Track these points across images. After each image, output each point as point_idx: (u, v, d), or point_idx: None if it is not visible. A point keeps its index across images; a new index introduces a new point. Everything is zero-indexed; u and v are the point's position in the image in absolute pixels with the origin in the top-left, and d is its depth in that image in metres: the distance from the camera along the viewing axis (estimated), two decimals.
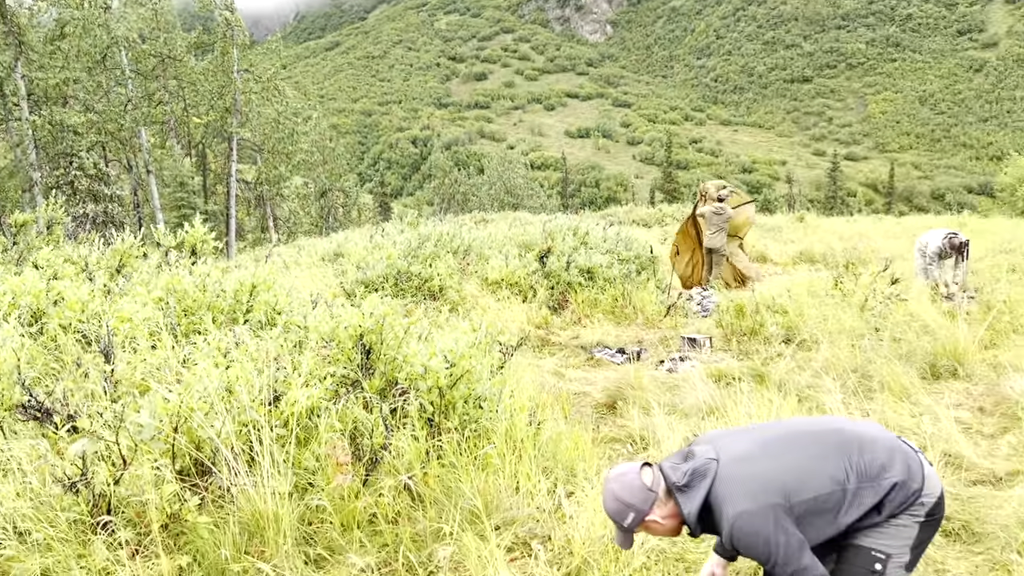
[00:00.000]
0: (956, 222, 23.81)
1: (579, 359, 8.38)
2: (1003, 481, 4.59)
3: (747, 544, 2.35)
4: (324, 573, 3.42)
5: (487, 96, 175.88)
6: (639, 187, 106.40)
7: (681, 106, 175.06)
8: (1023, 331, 8.01)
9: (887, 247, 16.34)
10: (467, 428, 4.28)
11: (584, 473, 4.25)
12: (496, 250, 12.11)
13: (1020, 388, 5.79)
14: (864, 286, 9.16)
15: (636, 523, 2.48)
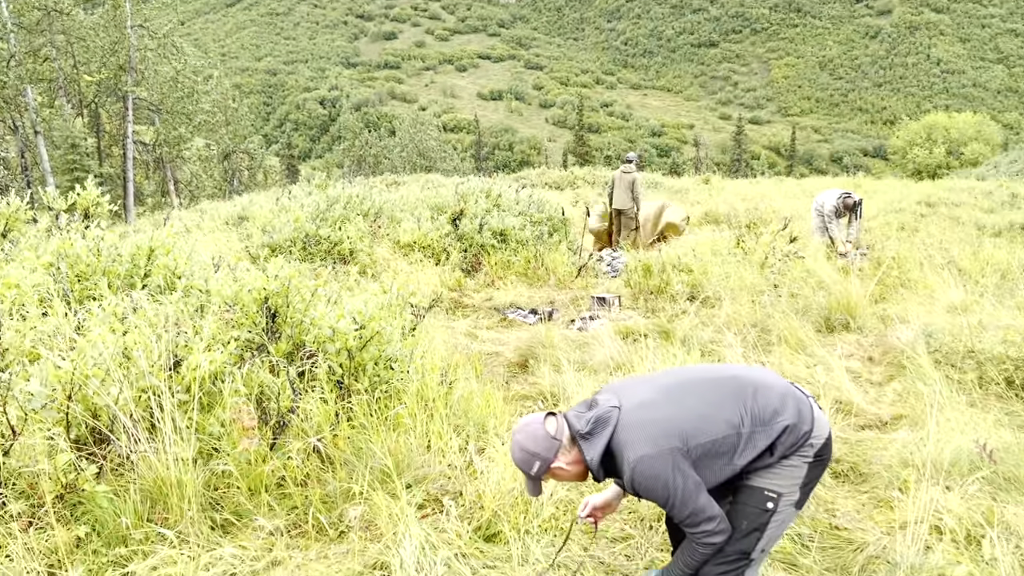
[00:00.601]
0: (851, 183, 24.89)
1: (492, 320, 8.42)
2: (888, 425, 4.89)
3: (647, 487, 2.43)
4: (231, 537, 3.37)
5: (397, 56, 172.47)
6: (552, 150, 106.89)
7: (592, 69, 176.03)
8: (910, 285, 8.47)
9: (787, 207, 16.95)
10: (378, 389, 4.27)
11: (495, 430, 4.30)
12: (408, 213, 11.98)
13: (906, 338, 6.14)
14: (764, 245, 9.50)
15: (542, 471, 2.54)
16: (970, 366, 5.36)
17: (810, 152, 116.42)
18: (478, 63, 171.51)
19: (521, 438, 2.56)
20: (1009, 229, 13.19)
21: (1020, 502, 3.50)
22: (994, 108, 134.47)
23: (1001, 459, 3.84)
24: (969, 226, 13.64)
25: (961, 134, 53.20)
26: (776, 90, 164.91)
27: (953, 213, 15.59)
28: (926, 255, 9.45)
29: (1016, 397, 4.98)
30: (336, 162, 64.31)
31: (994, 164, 40.07)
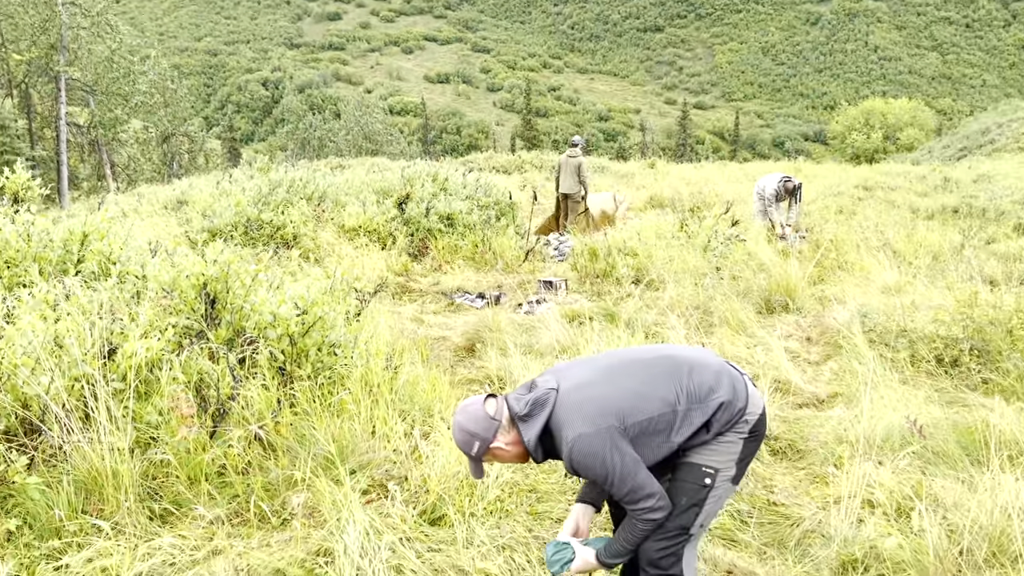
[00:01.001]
0: (792, 167, 25.38)
1: (439, 305, 8.40)
2: (825, 403, 5.02)
3: (585, 465, 2.46)
4: (170, 527, 3.31)
5: (342, 37, 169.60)
6: (500, 134, 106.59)
7: (540, 53, 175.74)
8: (847, 267, 8.70)
9: (730, 191, 17.21)
10: (321, 375, 4.22)
11: (441, 414, 4.29)
12: (353, 197, 11.82)
13: (842, 319, 6.31)
14: (707, 228, 9.63)
15: (482, 451, 2.56)
16: (903, 345, 5.53)
17: (753, 137, 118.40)
18: (424, 45, 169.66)
19: (461, 419, 2.57)
20: (941, 212, 13.63)
21: (947, 475, 3.64)
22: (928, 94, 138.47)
23: (930, 434, 3.98)
24: (904, 209, 14.04)
25: (897, 119, 54.62)
26: (720, 75, 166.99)
27: (889, 197, 16.02)
28: (863, 238, 9.72)
29: (945, 374, 5.16)
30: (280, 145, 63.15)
31: (928, 149, 41.31)
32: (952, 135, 41.73)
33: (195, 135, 45.38)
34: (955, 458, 3.77)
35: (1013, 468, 3.43)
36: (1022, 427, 3.95)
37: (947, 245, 9.63)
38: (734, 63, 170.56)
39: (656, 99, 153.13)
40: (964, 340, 5.20)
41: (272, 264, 7.75)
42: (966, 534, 3.02)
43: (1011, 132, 34.33)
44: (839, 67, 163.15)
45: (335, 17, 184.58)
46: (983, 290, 6.29)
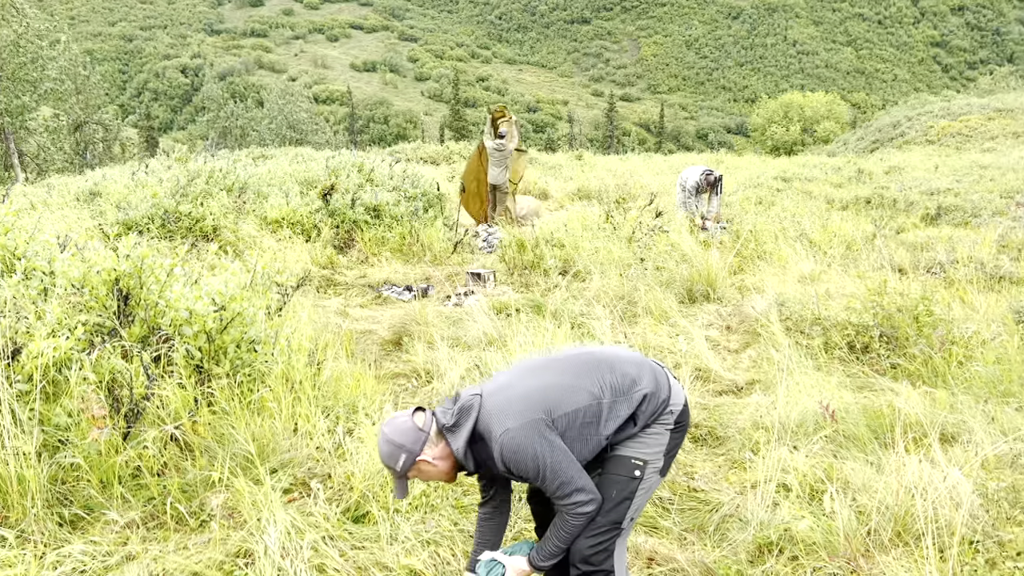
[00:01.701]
0: (714, 159, 25.98)
1: (366, 298, 8.30)
2: (743, 390, 5.17)
3: (516, 460, 2.45)
4: (81, 533, 3.18)
5: (264, 24, 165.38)
6: (429, 124, 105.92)
7: (467, 43, 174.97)
8: (766, 257, 8.94)
9: (654, 183, 17.51)
10: (240, 373, 4.12)
11: (365, 410, 4.24)
12: (276, 187, 11.56)
13: (760, 308, 6.49)
14: (632, 220, 9.78)
15: (408, 464, 2.51)
16: (817, 332, 5.73)
17: (678, 129, 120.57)
18: (350, 33, 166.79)
19: (388, 431, 2.53)
20: (855, 203, 14.15)
21: (857, 458, 3.78)
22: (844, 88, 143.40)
23: (842, 418, 4.14)
24: (820, 200, 14.52)
25: (814, 112, 56.41)
26: (646, 68, 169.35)
27: (806, 188, 16.55)
28: (781, 228, 10.00)
29: (857, 360, 5.36)
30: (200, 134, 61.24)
31: (843, 141, 42.79)
32: (865, 128, 43.33)
33: (110, 124, 43.56)
34: (865, 441, 3.92)
35: (917, 449, 3.58)
36: (926, 410, 4.13)
37: (860, 235, 9.99)
38: (659, 56, 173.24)
39: (583, 91, 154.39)
40: (874, 327, 5.41)
41: (190, 258, 7.53)
42: (874, 514, 3.15)
43: (920, 126, 35.88)
44: (759, 61, 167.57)
45: (257, 3, 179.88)
46: (892, 278, 6.56)
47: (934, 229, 10.93)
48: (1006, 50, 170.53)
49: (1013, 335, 5.20)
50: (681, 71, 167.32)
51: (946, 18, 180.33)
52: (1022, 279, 7.54)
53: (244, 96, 76.01)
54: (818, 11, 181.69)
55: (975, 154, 25.03)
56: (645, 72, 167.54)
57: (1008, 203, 12.39)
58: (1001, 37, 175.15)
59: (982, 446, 3.65)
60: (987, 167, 19.09)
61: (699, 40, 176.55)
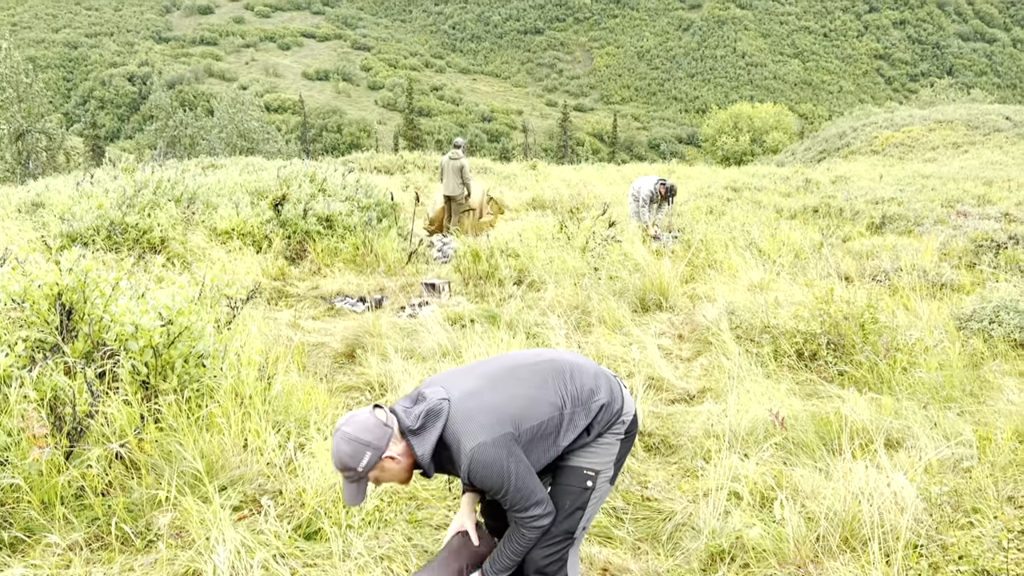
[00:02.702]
0: (666, 169, 26.31)
1: (318, 310, 8.20)
2: (695, 398, 5.22)
3: (483, 475, 2.42)
4: (21, 556, 3.08)
5: (214, 32, 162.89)
6: (383, 133, 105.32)
7: (421, 52, 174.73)
8: (717, 266, 9.08)
9: (608, 192, 17.67)
10: (188, 388, 4.04)
11: (317, 424, 4.19)
12: (226, 198, 11.37)
13: (711, 316, 6.59)
14: (586, 230, 9.85)
15: (373, 462, 2.42)
16: (767, 340, 5.82)
17: (630, 139, 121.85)
18: (302, 42, 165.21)
19: (350, 429, 2.43)
20: (803, 212, 14.43)
21: (806, 464, 3.85)
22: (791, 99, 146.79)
23: (791, 426, 4.21)
24: (769, 209, 14.79)
25: (763, 123, 57.58)
26: (599, 78, 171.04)
27: (756, 197, 16.83)
28: (731, 237, 10.16)
29: (805, 367, 5.47)
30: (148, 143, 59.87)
31: (791, 151, 43.72)
32: (813, 138, 44.34)
33: (53, 132, 42.37)
34: (813, 448, 3.99)
35: (864, 455, 3.66)
36: (872, 416, 4.23)
37: (808, 243, 10.20)
38: (611, 67, 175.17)
39: (537, 101, 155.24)
40: (822, 335, 5.52)
41: (137, 271, 7.37)
42: (822, 520, 3.20)
43: (865, 136, 36.84)
44: (710, 72, 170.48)
45: (207, 11, 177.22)
46: (839, 287, 6.71)
47: (879, 237, 11.20)
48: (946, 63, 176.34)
49: (954, 341, 5.35)
50: (633, 82, 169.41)
51: (888, 32, 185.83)
52: (963, 286, 7.76)
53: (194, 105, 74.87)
54: (766, 24, 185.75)
55: (917, 164, 25.78)
56: (598, 83, 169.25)
57: (949, 212, 12.76)
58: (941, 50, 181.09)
59: (925, 451, 3.74)
60: (929, 177, 19.67)
61: (650, 51, 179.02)
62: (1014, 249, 8.93)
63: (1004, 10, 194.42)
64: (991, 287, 7.14)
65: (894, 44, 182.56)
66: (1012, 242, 9.19)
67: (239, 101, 53.49)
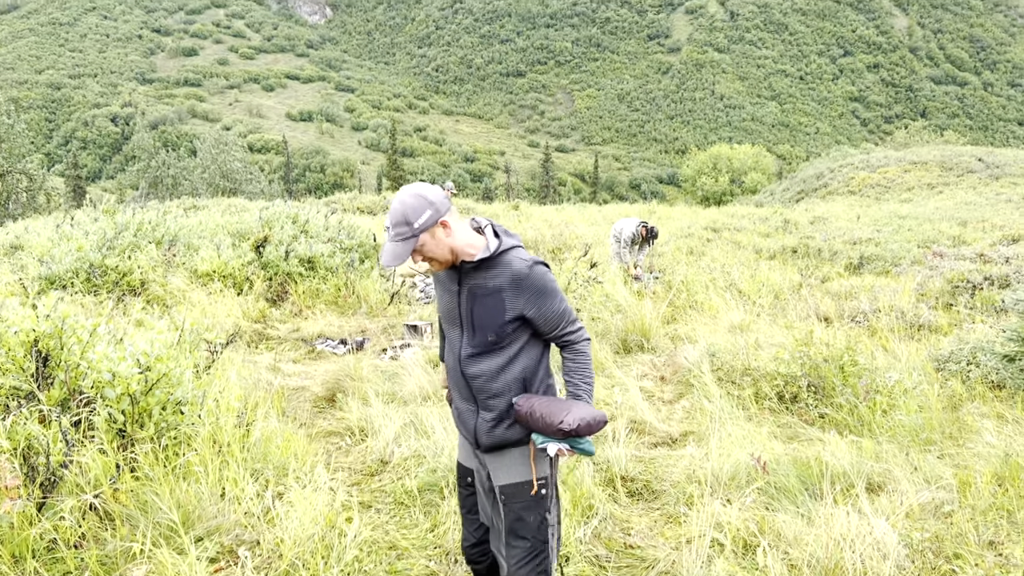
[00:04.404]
0: (647, 210, 26.53)
1: (299, 352, 8.15)
2: (678, 442, 5.21)
3: (542, 285, 2.60)
4: None
5: (199, 73, 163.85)
6: (366, 173, 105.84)
7: (404, 94, 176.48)
8: (698, 306, 9.12)
9: (589, 233, 17.76)
10: (165, 436, 3.98)
11: (296, 472, 4.14)
12: (208, 239, 11.35)
13: (692, 358, 6.60)
14: (568, 270, 9.88)
15: (430, 223, 2.50)
16: (748, 382, 5.84)
17: (612, 179, 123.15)
18: (286, 83, 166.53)
19: (416, 187, 2.53)
20: (782, 252, 14.58)
21: (788, 510, 3.84)
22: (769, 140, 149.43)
23: (773, 470, 4.20)
24: (748, 250, 14.93)
25: (742, 164, 58.43)
26: (580, 120, 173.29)
27: (735, 238, 16.99)
28: (711, 278, 10.24)
29: (787, 410, 5.48)
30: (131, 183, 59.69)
31: (770, 192, 44.31)
32: (791, 179, 44.99)
33: (34, 173, 42.23)
34: (795, 492, 3.99)
35: (846, 500, 3.66)
36: (853, 460, 4.23)
37: (787, 284, 10.30)
38: (592, 108, 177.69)
39: (520, 141, 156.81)
40: (802, 377, 5.55)
41: (116, 314, 7.31)
42: (805, 568, 3.19)
43: (842, 176, 37.41)
44: (689, 114, 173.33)
45: (191, 53, 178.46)
46: (818, 328, 6.76)
47: (857, 278, 11.32)
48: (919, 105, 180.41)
49: (933, 383, 5.39)
50: (614, 123, 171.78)
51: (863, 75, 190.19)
52: (940, 327, 7.85)
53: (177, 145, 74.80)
54: (743, 67, 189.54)
55: (894, 204, 26.18)
56: (579, 124, 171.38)
57: (925, 252, 12.94)
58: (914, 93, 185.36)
59: (907, 495, 3.74)
60: (905, 217, 19.97)
61: (631, 94, 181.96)
62: (989, 290, 9.05)
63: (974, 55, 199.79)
64: (968, 328, 7.22)
65: (868, 87, 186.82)
66: (987, 283, 9.31)
67: (222, 141, 53.61)
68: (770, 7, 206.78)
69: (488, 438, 2.72)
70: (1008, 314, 7.60)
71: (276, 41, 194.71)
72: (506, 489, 2.71)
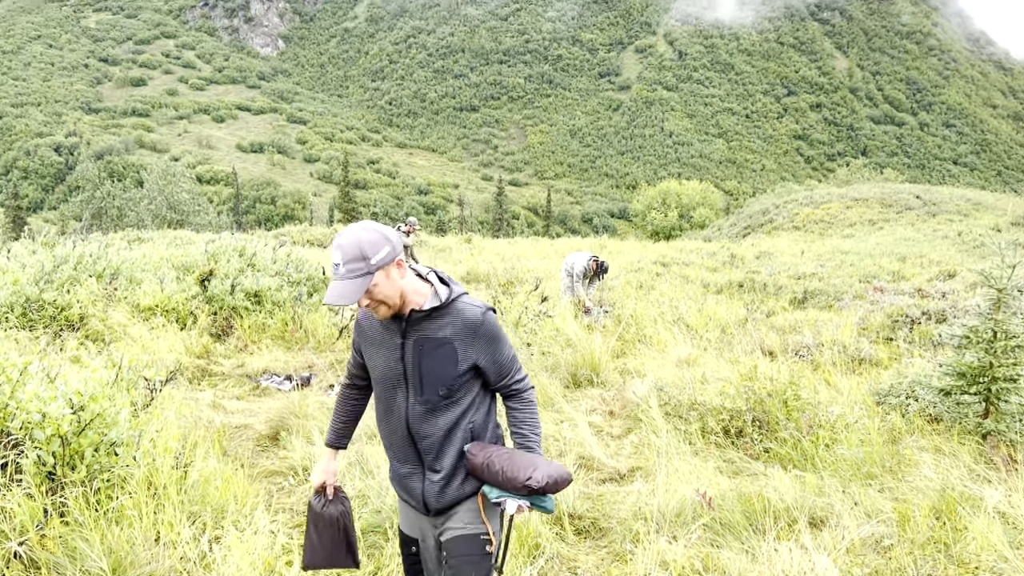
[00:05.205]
0: (598, 244, 26.84)
1: (243, 389, 7.98)
2: (625, 478, 5.21)
3: (493, 334, 2.56)
4: None
5: (147, 103, 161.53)
6: (318, 205, 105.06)
7: (358, 126, 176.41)
8: (647, 340, 9.20)
9: (541, 267, 17.88)
10: (98, 479, 3.84)
11: (235, 515, 4.02)
12: (151, 273, 11.10)
13: (640, 393, 6.63)
14: (519, 304, 9.90)
15: (387, 260, 2.38)
16: (694, 417, 5.88)
17: (564, 213, 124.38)
18: (237, 115, 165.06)
19: (368, 223, 2.45)
20: (729, 287, 14.84)
21: (733, 546, 3.85)
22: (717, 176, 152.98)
23: (719, 505, 4.22)
24: (696, 284, 15.16)
25: (691, 199, 59.61)
26: (533, 154, 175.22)
27: (684, 272, 17.26)
28: (660, 312, 10.35)
29: (732, 445, 5.53)
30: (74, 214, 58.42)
31: (718, 227, 45.21)
32: (738, 214, 46.01)
33: None
34: (740, 528, 4.01)
35: (789, 535, 3.69)
36: (796, 495, 4.28)
37: (733, 318, 10.46)
38: (545, 143, 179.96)
39: (473, 175, 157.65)
40: (747, 412, 5.61)
41: (50, 351, 7.07)
42: None
43: (787, 212, 38.38)
44: (639, 150, 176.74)
45: (140, 83, 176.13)
46: (763, 362, 6.86)
47: (801, 312, 11.56)
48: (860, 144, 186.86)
49: (873, 417, 5.50)
50: (566, 158, 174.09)
51: (806, 114, 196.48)
52: (881, 361, 8.03)
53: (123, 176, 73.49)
54: (691, 105, 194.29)
55: (836, 240, 26.90)
56: (532, 158, 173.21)
57: (867, 287, 13.29)
58: (855, 132, 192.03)
59: (848, 530, 3.79)
60: (847, 252, 20.52)
61: (582, 130, 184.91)
62: (927, 324, 9.32)
63: (911, 96, 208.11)
64: (907, 362, 7.41)
65: (812, 126, 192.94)
66: (925, 317, 9.59)
67: (170, 172, 52.83)
68: (716, 47, 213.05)
69: (439, 501, 2.60)
70: (944, 348, 7.82)
71: (227, 72, 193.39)
72: (453, 544, 2.59)
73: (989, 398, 5.32)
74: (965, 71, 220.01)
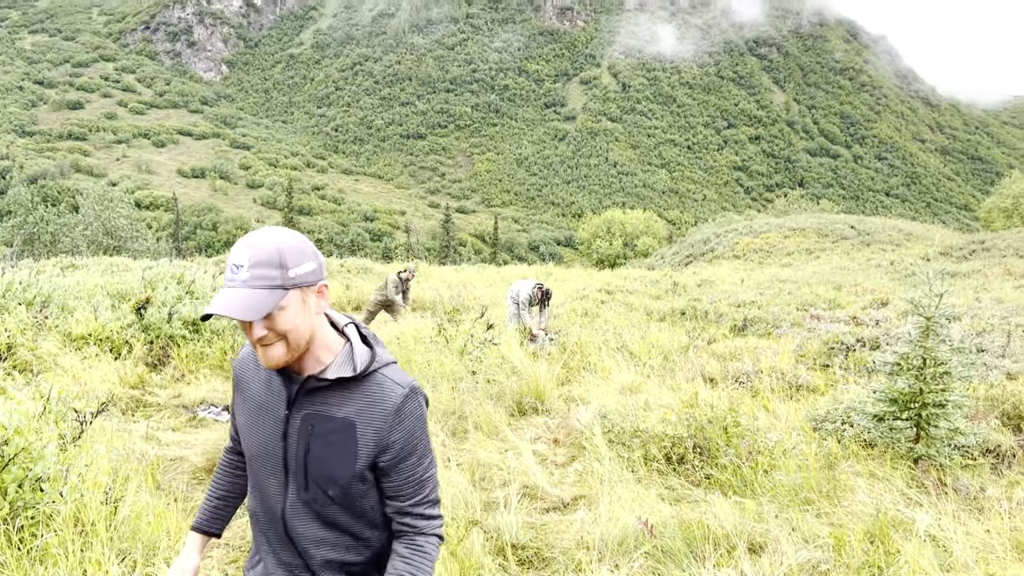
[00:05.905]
0: (544, 271, 26.99)
1: (179, 420, 7.75)
2: (569, 506, 5.20)
3: (412, 425, 1.89)
4: None
5: (84, 127, 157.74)
6: None
7: (303, 152, 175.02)
8: (591, 368, 9.25)
9: (487, 294, 17.89)
10: (21, 516, 3.68)
11: (168, 551, 3.89)
12: (84, 301, 10.77)
13: (584, 420, 6.65)
14: (464, 332, 9.87)
15: (309, 280, 1.78)
16: (637, 444, 5.92)
17: (511, 240, 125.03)
18: (179, 139, 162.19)
19: (298, 233, 1.84)
20: (671, 314, 15.04)
21: (675, 574, 3.87)
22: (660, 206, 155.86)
23: (660, 533, 4.24)
24: (640, 312, 15.33)
25: (635, 228, 60.57)
26: (480, 182, 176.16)
27: (628, 300, 17.45)
28: (604, 340, 10.43)
29: (674, 471, 5.57)
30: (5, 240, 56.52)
31: (661, 255, 45.94)
32: (680, 243, 46.86)
33: None
34: (681, 556, 4.03)
35: (729, 561, 3.72)
36: (736, 521, 4.33)
37: (676, 345, 10.59)
38: (492, 171, 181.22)
39: (420, 202, 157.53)
40: (688, 438, 5.67)
41: None
42: None
43: (727, 241, 39.22)
44: (584, 179, 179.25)
45: (77, 106, 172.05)
46: (704, 389, 6.96)
47: (741, 340, 11.77)
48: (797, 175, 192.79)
49: (811, 443, 5.61)
50: (513, 186, 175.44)
51: (745, 146, 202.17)
52: (817, 387, 8.21)
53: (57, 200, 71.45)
54: (635, 136, 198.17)
55: (775, 268, 27.55)
56: (479, 186, 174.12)
57: (804, 315, 13.61)
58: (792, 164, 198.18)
59: (786, 555, 3.84)
60: (785, 281, 21.02)
61: (529, 159, 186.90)
62: (861, 351, 9.58)
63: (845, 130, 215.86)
64: (842, 388, 7.60)
65: (751, 157, 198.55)
66: (860, 344, 9.86)
67: (107, 197, 51.51)
68: (659, 80, 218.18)
69: None
70: (878, 375, 8.05)
71: (169, 96, 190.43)
72: None
73: (920, 423, 5.48)
74: (895, 106, 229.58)
